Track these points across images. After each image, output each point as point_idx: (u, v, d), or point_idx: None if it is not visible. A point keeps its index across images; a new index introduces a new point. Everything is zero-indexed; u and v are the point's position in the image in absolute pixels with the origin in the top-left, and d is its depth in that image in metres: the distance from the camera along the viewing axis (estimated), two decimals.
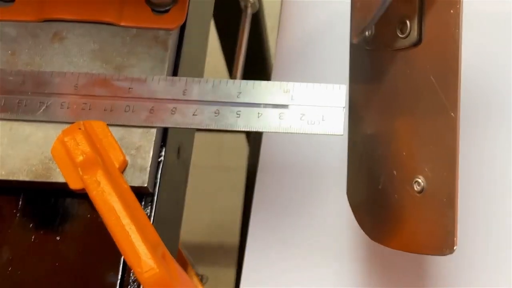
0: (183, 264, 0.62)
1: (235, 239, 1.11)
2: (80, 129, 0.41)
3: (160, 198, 0.44)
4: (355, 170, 0.45)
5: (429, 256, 0.52)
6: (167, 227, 0.47)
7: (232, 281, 1.10)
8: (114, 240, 0.38)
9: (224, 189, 1.53)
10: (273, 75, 0.64)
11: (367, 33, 0.42)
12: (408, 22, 0.39)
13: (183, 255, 0.61)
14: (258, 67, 0.99)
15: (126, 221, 0.38)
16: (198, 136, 1.54)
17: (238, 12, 0.85)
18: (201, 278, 0.67)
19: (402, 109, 0.40)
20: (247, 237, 0.58)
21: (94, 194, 0.39)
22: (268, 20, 0.99)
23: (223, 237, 1.49)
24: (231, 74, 0.75)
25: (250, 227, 0.59)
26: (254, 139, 1.17)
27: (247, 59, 0.83)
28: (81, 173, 0.40)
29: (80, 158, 0.40)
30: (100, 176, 0.39)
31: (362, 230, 0.45)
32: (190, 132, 0.53)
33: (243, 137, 1.35)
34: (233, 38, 0.86)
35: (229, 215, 1.44)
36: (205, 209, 1.51)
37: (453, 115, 0.37)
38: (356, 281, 0.55)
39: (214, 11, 0.91)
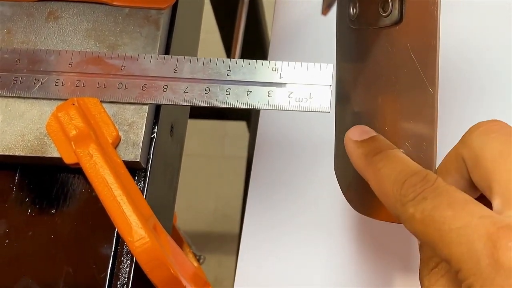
0: (179, 241, 0.63)
1: (238, 226, 1.12)
2: (73, 104, 0.42)
3: (153, 173, 0.45)
4: (342, 146, 0.46)
5: None
6: (160, 202, 0.48)
7: (234, 266, 1.11)
8: (107, 211, 0.39)
9: (227, 177, 1.54)
10: (268, 58, 0.65)
11: (351, 11, 0.43)
12: (390, 1, 0.40)
13: (179, 233, 0.62)
14: (256, 52, 1.00)
15: (117, 192, 0.39)
16: (201, 124, 1.55)
17: None
18: (199, 258, 0.68)
19: (385, 86, 0.41)
20: (244, 216, 0.59)
21: (87, 167, 0.40)
22: (268, 7, 1.00)
23: (226, 224, 1.51)
24: None
25: (246, 208, 0.60)
26: (254, 127, 1.19)
27: (245, 45, 0.85)
28: (74, 147, 0.41)
29: (73, 132, 0.41)
30: (92, 150, 0.40)
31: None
32: (184, 111, 0.54)
33: (245, 125, 1.36)
34: (232, 24, 0.87)
35: (233, 202, 1.46)
36: (209, 197, 1.52)
37: (431, 91, 0.38)
38: (349, 255, 0.56)
39: None
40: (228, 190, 1.52)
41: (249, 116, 1.22)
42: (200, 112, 1.21)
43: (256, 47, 0.99)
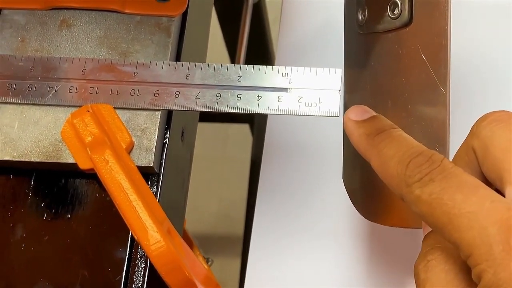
0: (189, 244, 0.63)
1: (241, 228, 1.13)
2: (88, 111, 0.43)
3: (165, 178, 0.46)
4: (350, 153, 0.47)
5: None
6: (172, 206, 0.49)
7: (237, 269, 1.12)
8: (122, 215, 0.40)
9: (230, 180, 1.54)
10: (276, 64, 0.66)
11: (360, 17, 0.44)
12: (399, 3, 0.41)
13: (189, 236, 0.63)
14: (260, 57, 1.01)
15: (133, 197, 0.40)
16: (203, 127, 1.56)
17: (239, 3, 0.86)
18: (207, 260, 0.69)
19: (395, 89, 0.42)
20: (253, 220, 0.60)
21: (102, 172, 0.41)
22: (271, 12, 1.01)
23: (229, 227, 1.51)
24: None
25: (255, 213, 0.60)
26: (258, 130, 1.19)
27: (249, 50, 0.85)
28: (89, 153, 0.42)
29: (89, 138, 0.42)
30: (108, 155, 0.41)
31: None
32: (194, 116, 0.55)
33: (248, 128, 1.37)
34: (236, 29, 0.88)
35: (236, 205, 1.46)
36: (212, 199, 1.53)
37: (443, 91, 0.39)
38: (357, 258, 0.57)
39: (216, 2, 0.93)
40: (231, 192, 1.53)
41: (252, 119, 1.23)
42: (203, 116, 1.21)
43: (260, 49, 1.00)
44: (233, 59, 0.98)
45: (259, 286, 0.58)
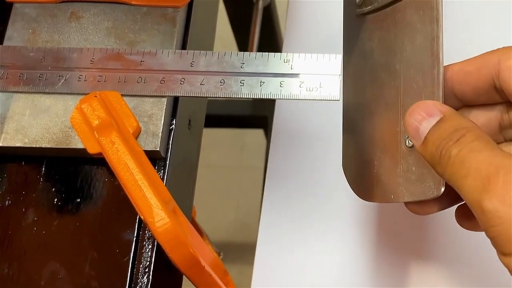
0: (198, 231, 0.65)
1: (257, 235, 1.13)
2: (96, 96, 0.45)
3: (172, 162, 0.47)
4: (349, 135, 0.47)
5: (429, 216, 0.54)
6: (179, 191, 0.50)
7: None
8: (128, 194, 0.42)
9: (247, 187, 1.55)
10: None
11: None
12: None
13: (199, 226, 0.64)
14: None
15: (139, 176, 0.41)
16: (220, 136, 1.55)
17: (250, 6, 0.88)
18: (218, 254, 0.70)
19: (388, 77, 0.43)
20: (261, 209, 0.61)
21: (109, 154, 0.42)
22: (281, 14, 1.02)
23: (247, 235, 1.52)
24: None
25: (263, 201, 0.61)
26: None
27: (260, 51, 0.87)
28: (97, 135, 0.43)
29: (96, 122, 0.44)
30: (114, 137, 0.43)
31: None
32: (201, 105, 0.56)
33: (262, 133, 1.38)
34: (247, 30, 0.89)
35: (253, 213, 1.47)
36: (230, 208, 1.54)
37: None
38: (363, 249, 0.58)
39: (226, 5, 0.95)
40: (247, 200, 1.53)
41: (266, 124, 1.24)
42: (218, 121, 1.23)
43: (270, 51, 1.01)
44: None
45: (268, 275, 0.59)
